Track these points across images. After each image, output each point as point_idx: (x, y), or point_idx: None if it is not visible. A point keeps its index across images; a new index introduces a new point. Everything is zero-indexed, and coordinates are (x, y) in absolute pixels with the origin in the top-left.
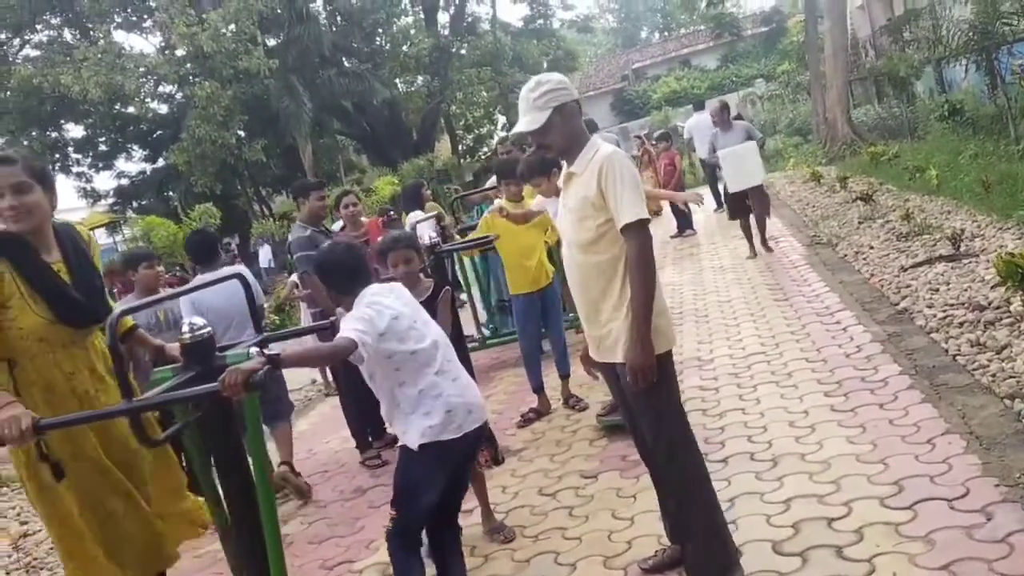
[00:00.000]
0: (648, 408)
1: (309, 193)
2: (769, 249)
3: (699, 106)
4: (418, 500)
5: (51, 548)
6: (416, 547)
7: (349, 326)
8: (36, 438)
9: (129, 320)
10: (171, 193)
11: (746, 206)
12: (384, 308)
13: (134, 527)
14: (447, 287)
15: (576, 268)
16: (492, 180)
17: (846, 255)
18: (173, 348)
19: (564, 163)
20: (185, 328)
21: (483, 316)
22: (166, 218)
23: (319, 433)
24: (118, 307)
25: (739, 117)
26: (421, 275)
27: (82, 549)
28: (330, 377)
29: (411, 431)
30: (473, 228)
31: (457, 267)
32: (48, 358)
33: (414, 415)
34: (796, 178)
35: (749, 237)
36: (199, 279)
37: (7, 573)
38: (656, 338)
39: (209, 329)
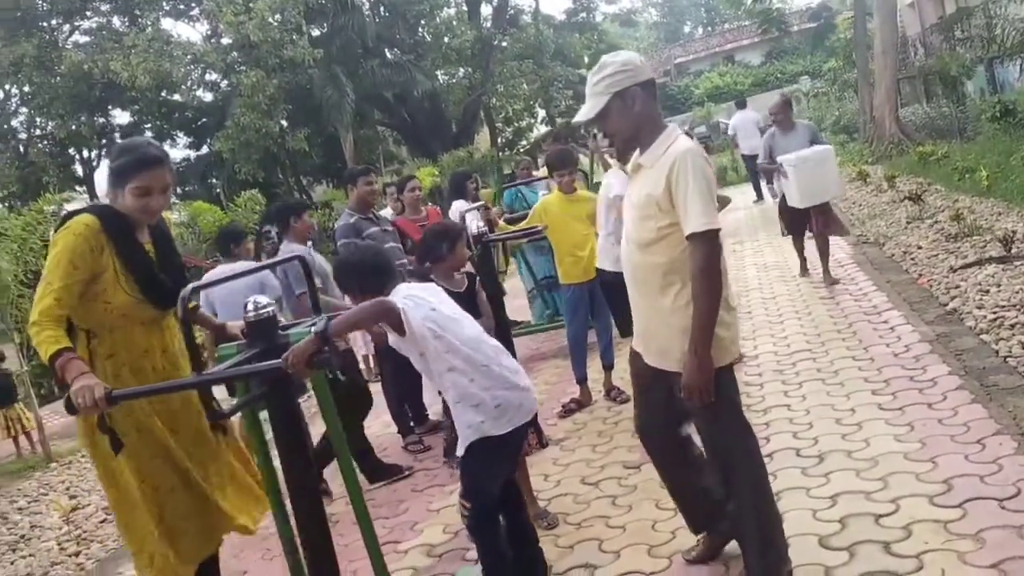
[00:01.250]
0: (707, 421)
1: (357, 179)
2: (834, 280)
3: (741, 104)
4: (484, 491)
5: (101, 521)
6: (498, 530)
7: (395, 299)
8: (108, 408)
9: (192, 301)
10: (215, 180)
11: (804, 222)
12: (421, 300)
13: (193, 504)
14: (479, 276)
15: (632, 265)
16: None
17: (893, 255)
18: (234, 327)
19: (637, 152)
20: (249, 306)
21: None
22: (210, 204)
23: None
24: (190, 285)
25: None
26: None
27: (137, 521)
28: (372, 363)
29: (463, 424)
30: (521, 218)
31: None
32: (126, 333)
33: (462, 404)
34: (842, 177)
35: (801, 251)
36: (219, 270)
37: (59, 545)
38: (716, 352)
39: (273, 307)
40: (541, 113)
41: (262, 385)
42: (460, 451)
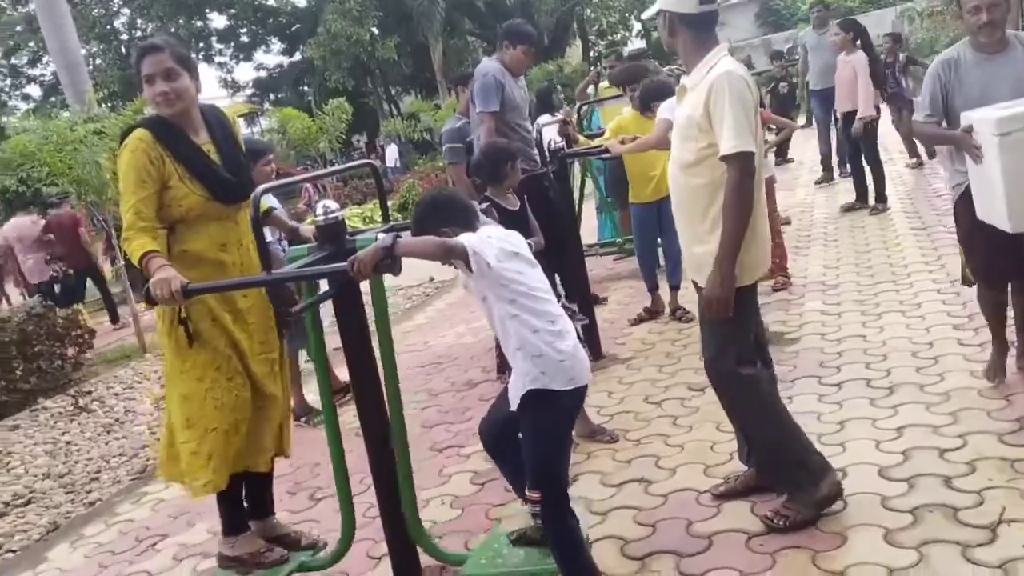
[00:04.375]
0: (712, 333)
1: (468, 83)
2: None
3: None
4: (553, 464)
5: None
6: (571, 514)
7: (465, 237)
8: (185, 301)
9: (266, 203)
10: (306, 87)
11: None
12: (502, 240)
13: (253, 412)
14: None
15: (675, 186)
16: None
17: None
18: (307, 230)
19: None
20: (319, 210)
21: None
22: (300, 112)
23: (435, 327)
24: (260, 187)
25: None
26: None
27: (202, 418)
28: None
29: (521, 372)
30: (599, 134)
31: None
32: (204, 230)
33: (522, 353)
34: None
35: (1001, 325)
36: None
37: (148, 429)
38: (741, 271)
39: (341, 213)
40: (637, 26)
41: (330, 287)
42: (514, 405)
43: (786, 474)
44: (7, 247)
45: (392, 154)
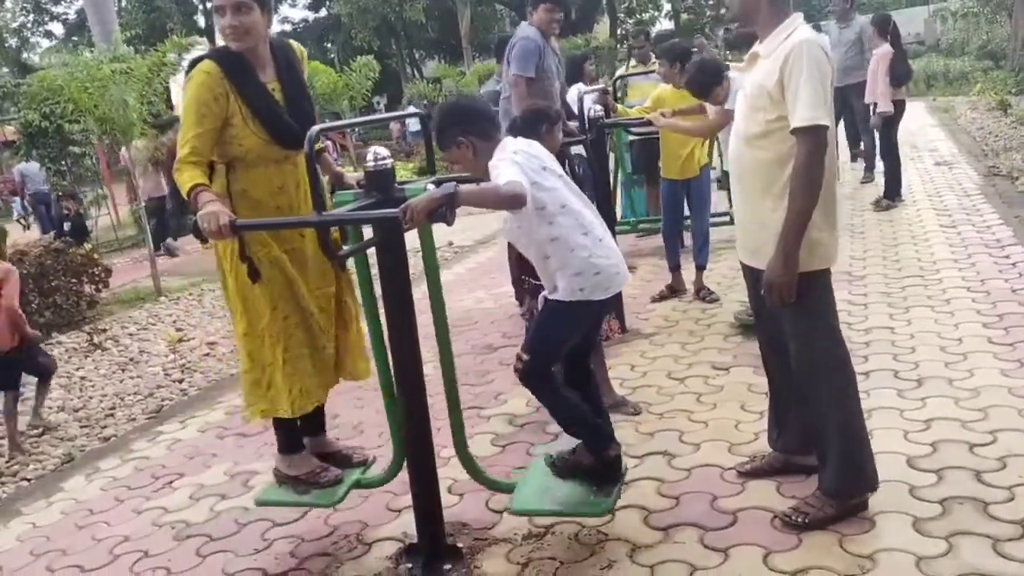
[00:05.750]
0: (795, 326)
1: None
2: None
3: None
4: (553, 349)
5: (204, 355)
6: (553, 381)
7: (507, 172)
8: (233, 236)
9: (319, 144)
10: (330, 44)
11: None
12: (532, 157)
13: (313, 347)
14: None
15: (738, 160)
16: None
17: None
18: (349, 177)
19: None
20: (370, 156)
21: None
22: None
23: (454, 291)
24: (316, 126)
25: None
26: None
27: (263, 351)
28: None
29: (561, 287)
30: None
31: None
32: (261, 171)
33: (562, 271)
34: (980, 105)
35: None
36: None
37: (164, 370)
38: (811, 255)
39: (392, 160)
40: (667, 6)
41: (379, 233)
42: (540, 304)
43: (844, 462)
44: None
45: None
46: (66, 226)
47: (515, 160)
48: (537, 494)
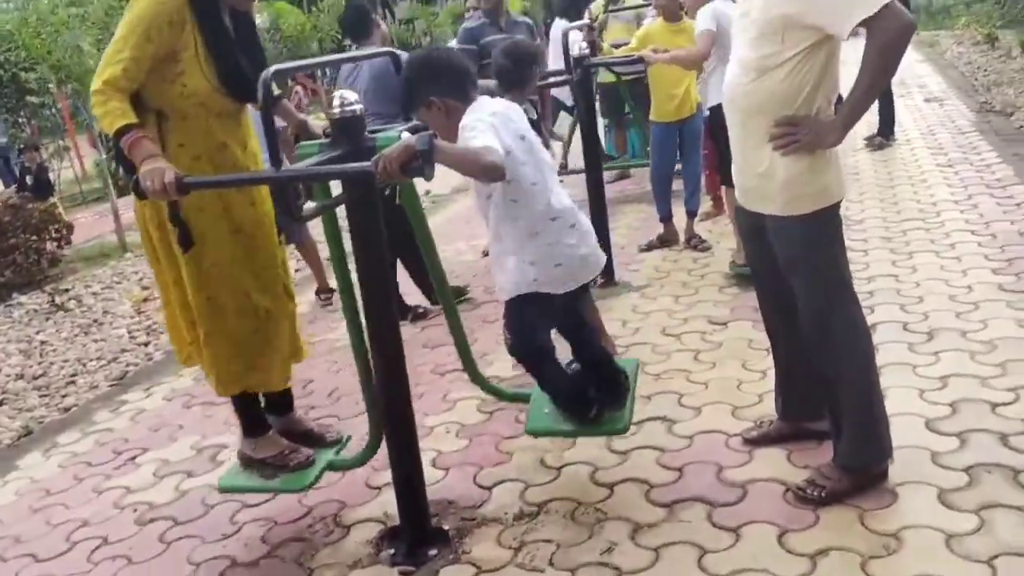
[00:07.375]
0: (803, 270)
1: None
2: None
3: None
4: (530, 333)
5: None
6: (545, 357)
7: (483, 137)
8: (178, 196)
9: (275, 89)
10: None
11: None
12: (509, 121)
13: (251, 329)
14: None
15: (742, 93)
16: None
17: (1023, 126)
18: (316, 125)
19: None
20: (336, 101)
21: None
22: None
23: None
24: (272, 67)
25: None
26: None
27: (177, 326)
28: None
29: (508, 277)
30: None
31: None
32: (203, 123)
33: (516, 256)
34: (965, 39)
35: None
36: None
37: (128, 332)
38: (817, 193)
39: (360, 106)
40: None
41: (347, 189)
42: (503, 297)
43: (862, 433)
44: None
45: None
46: (28, 180)
47: (492, 123)
48: (552, 415)
